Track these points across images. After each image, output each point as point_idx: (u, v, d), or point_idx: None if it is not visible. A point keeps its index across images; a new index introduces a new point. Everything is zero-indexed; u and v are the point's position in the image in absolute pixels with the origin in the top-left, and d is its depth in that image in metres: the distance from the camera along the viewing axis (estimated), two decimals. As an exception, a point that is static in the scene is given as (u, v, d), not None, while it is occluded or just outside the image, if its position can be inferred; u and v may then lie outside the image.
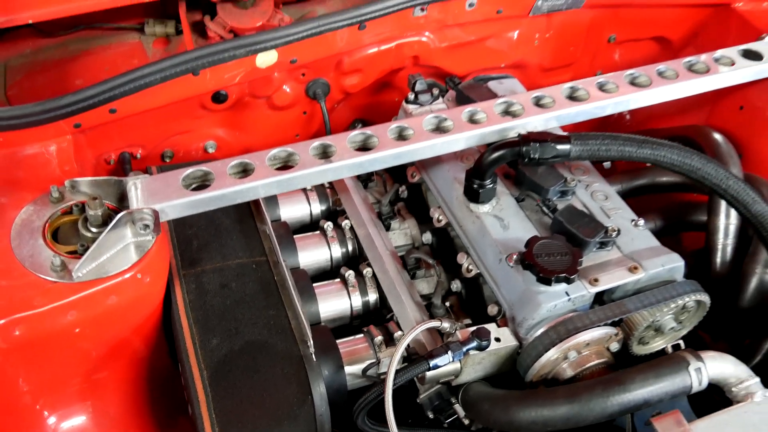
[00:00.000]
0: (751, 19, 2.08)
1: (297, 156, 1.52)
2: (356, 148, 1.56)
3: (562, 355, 1.44)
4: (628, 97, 1.72)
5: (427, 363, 1.39)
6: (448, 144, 1.59)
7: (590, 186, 1.71)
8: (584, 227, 1.55)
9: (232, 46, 1.62)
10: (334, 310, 1.67)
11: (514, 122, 1.63)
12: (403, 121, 1.60)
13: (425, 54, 1.98)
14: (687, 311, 1.57)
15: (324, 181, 1.55)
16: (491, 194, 1.63)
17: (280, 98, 1.92)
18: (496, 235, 1.58)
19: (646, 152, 1.57)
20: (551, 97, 1.69)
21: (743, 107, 1.97)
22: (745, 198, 1.61)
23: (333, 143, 1.54)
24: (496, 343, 1.47)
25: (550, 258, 1.47)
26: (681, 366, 1.37)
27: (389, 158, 1.55)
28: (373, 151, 1.54)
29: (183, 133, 1.88)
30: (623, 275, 1.50)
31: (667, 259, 1.54)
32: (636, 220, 1.64)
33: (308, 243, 1.76)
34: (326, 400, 1.42)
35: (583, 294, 1.47)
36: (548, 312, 1.46)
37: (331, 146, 1.54)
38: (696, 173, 1.59)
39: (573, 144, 1.55)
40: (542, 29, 2.08)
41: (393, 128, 1.59)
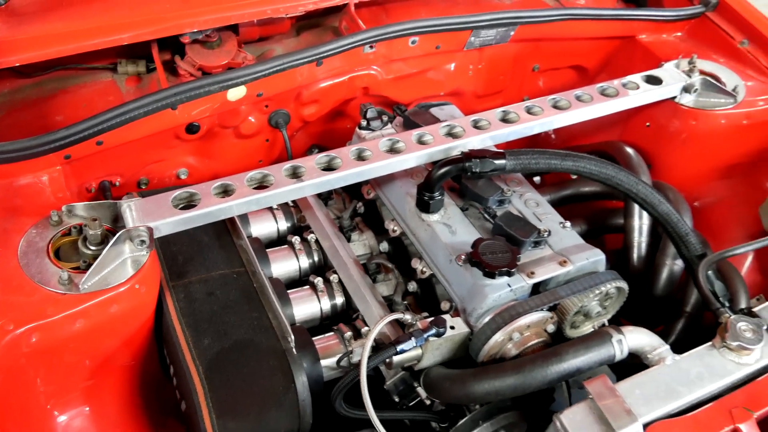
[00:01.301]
0: (652, 48, 2.42)
1: (272, 177, 1.73)
2: (322, 169, 1.78)
3: (507, 337, 1.69)
4: (551, 118, 2.00)
5: (395, 348, 1.61)
6: (401, 163, 1.84)
7: (524, 195, 1.98)
8: (520, 230, 1.81)
9: (208, 82, 1.83)
10: (307, 313, 1.88)
11: (457, 142, 1.89)
12: (362, 144, 1.84)
13: (374, 85, 2.23)
14: (610, 297, 1.84)
15: (295, 197, 1.76)
16: (440, 205, 1.88)
17: (246, 128, 2.13)
18: (445, 239, 1.83)
19: (569, 164, 1.85)
20: (487, 120, 1.96)
21: (649, 124, 2.28)
22: (652, 200, 1.90)
23: (302, 165, 1.77)
24: (452, 330, 1.71)
25: (494, 256, 1.73)
26: (606, 338, 1.64)
27: (351, 176, 1.78)
28: (337, 171, 1.77)
29: (158, 162, 2.07)
30: (555, 268, 1.77)
31: (591, 254, 1.82)
32: (563, 223, 1.91)
33: (279, 255, 1.97)
34: (308, 388, 1.62)
35: (522, 285, 1.73)
36: (494, 302, 1.71)
37: (301, 167, 1.76)
38: (611, 180, 1.88)
39: (508, 159, 1.81)
40: (475, 61, 2.36)
41: (353, 150, 1.82)
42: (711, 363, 1.59)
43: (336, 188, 2.11)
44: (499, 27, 2.18)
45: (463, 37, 2.20)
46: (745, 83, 2.25)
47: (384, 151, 1.85)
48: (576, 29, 2.36)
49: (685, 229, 1.93)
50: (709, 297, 1.76)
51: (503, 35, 2.25)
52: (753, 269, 2.27)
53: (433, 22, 2.05)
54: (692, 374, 1.57)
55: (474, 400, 1.64)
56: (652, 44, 2.43)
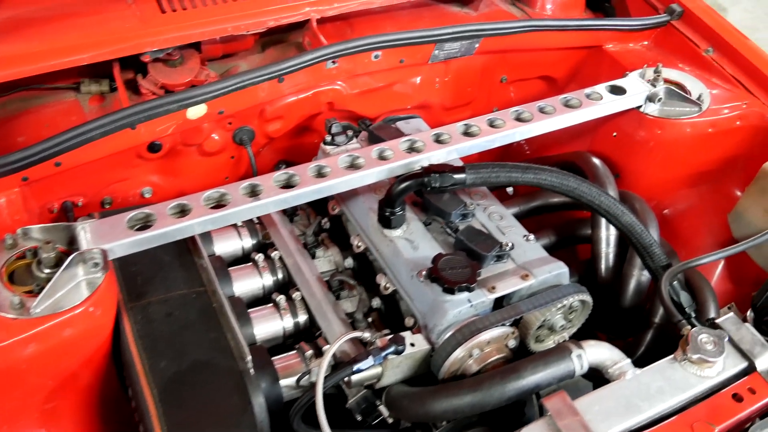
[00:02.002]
0: (618, 58, 2.42)
1: (229, 196, 1.72)
2: (281, 186, 1.78)
3: (467, 353, 1.68)
4: (513, 131, 2.00)
5: (351, 367, 1.60)
6: (361, 179, 1.83)
7: (488, 209, 1.97)
8: (482, 244, 1.80)
9: (166, 101, 1.82)
10: (269, 332, 1.86)
11: (417, 157, 1.88)
12: (321, 161, 1.83)
13: (339, 100, 2.23)
14: (574, 310, 1.83)
15: (253, 216, 1.75)
16: (402, 220, 1.87)
17: (210, 145, 2.12)
18: (407, 255, 1.82)
19: (530, 177, 1.85)
20: (449, 134, 1.95)
21: (616, 134, 2.28)
22: (615, 211, 1.90)
23: (260, 183, 1.76)
24: (411, 347, 1.70)
25: (453, 271, 1.72)
26: (565, 354, 1.63)
27: (310, 194, 1.78)
28: (295, 188, 1.76)
29: (121, 181, 2.06)
30: (516, 282, 1.76)
31: (554, 267, 1.81)
32: (527, 236, 1.90)
33: (242, 274, 1.96)
34: (265, 408, 1.60)
35: (483, 300, 1.72)
36: (454, 318, 1.70)
37: (259, 185, 1.76)
38: (573, 192, 1.88)
39: (468, 173, 1.81)
40: (441, 74, 2.36)
41: (312, 167, 1.81)
42: (672, 376, 1.58)
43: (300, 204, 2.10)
44: (462, 40, 2.18)
45: (427, 50, 2.20)
46: (710, 91, 2.25)
47: (344, 167, 1.84)
48: (542, 40, 2.36)
49: (649, 240, 1.93)
50: (671, 309, 1.75)
51: (468, 48, 2.25)
52: (723, 278, 2.26)
53: (395, 36, 2.05)
54: (653, 388, 1.56)
55: (433, 418, 1.63)
56: (619, 54, 2.43)
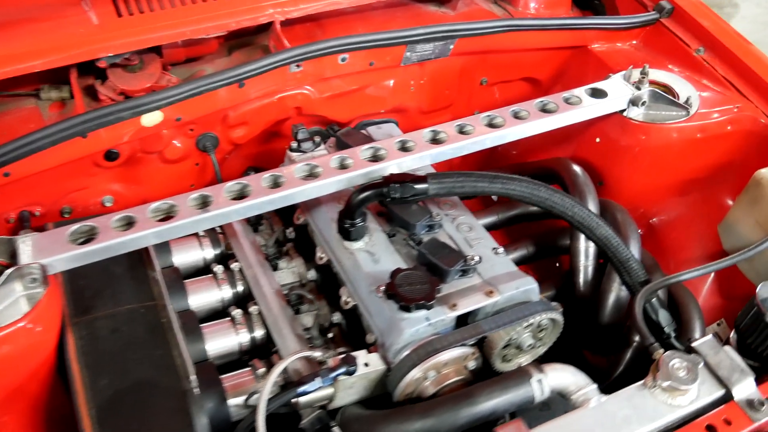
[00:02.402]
0: (604, 59, 2.30)
1: (177, 207, 1.65)
2: (233, 198, 1.70)
3: (423, 375, 1.59)
4: (484, 137, 1.90)
5: (296, 389, 1.52)
6: (318, 189, 1.75)
7: (456, 219, 1.88)
8: (445, 258, 1.71)
9: (117, 109, 1.76)
10: (223, 347, 1.79)
11: (379, 165, 1.80)
12: (276, 170, 1.76)
13: (307, 105, 2.15)
14: (543, 329, 1.74)
15: (202, 229, 1.68)
16: (362, 232, 1.79)
17: (171, 152, 2.06)
18: (367, 268, 1.74)
19: (497, 187, 1.75)
20: (414, 141, 1.86)
21: (599, 140, 2.17)
22: (590, 223, 1.79)
23: (211, 194, 1.69)
24: (365, 368, 1.62)
25: (411, 287, 1.63)
26: (524, 378, 1.54)
27: (263, 205, 1.70)
28: (248, 199, 1.69)
29: (80, 190, 2.00)
30: (480, 299, 1.67)
31: (522, 282, 1.72)
32: (496, 249, 1.81)
33: (200, 286, 1.88)
34: (208, 429, 1.53)
35: (443, 318, 1.63)
36: (411, 337, 1.61)
37: (210, 197, 1.68)
38: (544, 203, 1.78)
39: (430, 183, 1.72)
40: (416, 77, 2.27)
41: (267, 177, 1.74)
42: (640, 404, 1.48)
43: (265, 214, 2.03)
44: (435, 41, 2.08)
45: (398, 52, 2.11)
46: (700, 94, 2.13)
47: (300, 177, 1.76)
48: (522, 40, 2.25)
49: (626, 254, 1.82)
50: (642, 330, 1.65)
51: (442, 49, 2.15)
52: (713, 292, 2.14)
53: (361, 38, 1.96)
54: (619, 417, 1.46)
55: None
56: (605, 54, 2.32)
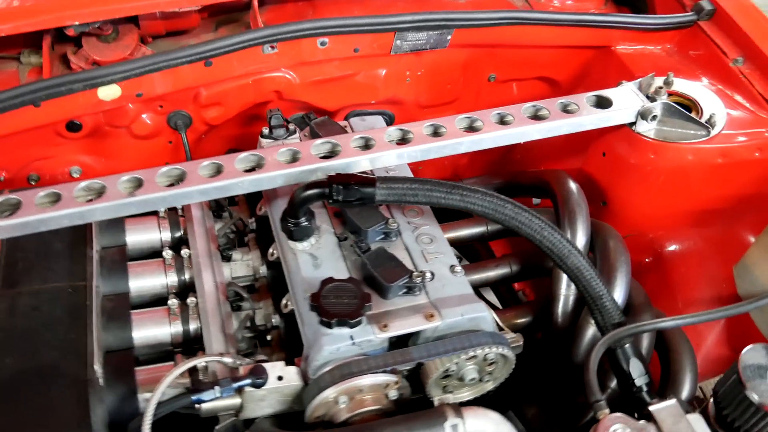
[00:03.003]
0: (627, 62, 2.04)
1: (108, 188, 1.57)
2: (167, 184, 1.60)
3: (335, 399, 1.44)
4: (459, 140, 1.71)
5: (189, 397, 1.42)
6: (259, 182, 1.62)
7: (418, 229, 1.71)
8: (388, 271, 1.55)
9: (69, 80, 1.69)
10: (153, 337, 1.69)
11: (329, 163, 1.64)
12: (218, 159, 1.64)
13: (288, 89, 2.01)
14: (492, 363, 1.55)
15: (124, 214, 1.59)
16: (307, 232, 1.65)
17: (140, 128, 1.98)
18: (305, 273, 1.60)
19: (455, 199, 1.57)
20: (375, 140, 1.70)
21: (605, 153, 1.93)
22: (560, 250, 1.58)
23: (144, 178, 1.59)
24: (279, 381, 1.49)
25: (337, 301, 1.48)
26: (437, 421, 1.36)
27: (194, 194, 1.59)
28: (180, 186, 1.58)
29: (45, 159, 1.96)
30: (417, 322, 1.50)
31: (470, 309, 1.54)
32: (454, 266, 1.63)
33: (145, 270, 1.80)
34: (105, 422, 1.45)
35: (371, 339, 1.47)
36: (331, 354, 1.47)
37: (143, 180, 1.59)
38: (509, 222, 1.58)
39: (378, 188, 1.55)
40: (413, 67, 2.09)
41: (206, 165, 1.62)
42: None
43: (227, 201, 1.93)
44: (428, 30, 1.89)
45: (386, 39, 1.93)
46: (728, 112, 1.85)
47: (242, 169, 1.64)
48: (532, 36, 2.02)
49: (599, 291, 1.59)
50: (590, 383, 1.43)
51: (438, 39, 1.96)
52: (721, 341, 1.88)
53: (342, 22, 1.80)
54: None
55: None
56: (630, 57, 2.05)
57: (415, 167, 2.40)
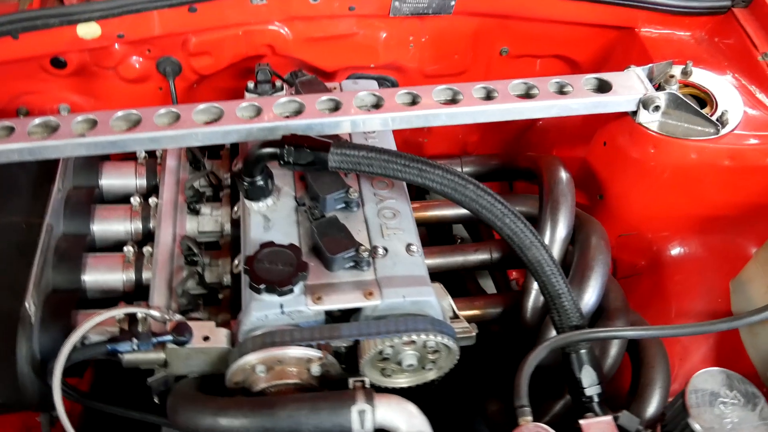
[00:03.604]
0: (649, 46, 1.86)
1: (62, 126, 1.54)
2: (124, 129, 1.56)
3: (252, 367, 1.38)
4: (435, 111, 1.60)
5: (105, 346, 1.39)
6: (214, 134, 1.57)
7: (383, 202, 1.62)
8: (333, 242, 1.48)
9: (45, 14, 1.67)
10: (104, 282, 1.68)
11: (291, 122, 1.57)
12: (180, 107, 1.58)
13: (281, 45, 1.93)
14: (434, 351, 1.46)
15: (77, 154, 1.56)
16: (263, 192, 1.58)
17: (127, 71, 1.94)
18: (255, 234, 1.54)
19: (411, 173, 1.46)
20: (344, 102, 1.60)
21: (606, 143, 1.77)
22: (522, 239, 1.46)
23: (98, 118, 1.56)
24: (205, 342, 1.44)
25: (271, 266, 1.42)
26: (344, 404, 1.28)
27: (145, 141, 1.55)
28: (134, 131, 1.54)
29: (34, 93, 1.95)
30: (354, 299, 1.43)
31: (414, 292, 1.44)
32: (411, 245, 1.53)
33: (111, 214, 1.79)
34: (30, 359, 1.44)
35: (301, 310, 1.41)
36: (259, 321, 1.41)
37: (97, 121, 1.56)
38: (470, 204, 1.46)
39: (332, 153, 1.47)
40: (416, 32, 1.96)
41: (163, 112, 1.57)
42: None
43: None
44: (428, -8, 1.77)
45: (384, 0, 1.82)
46: (746, 110, 1.65)
47: (202, 120, 1.58)
48: (550, 9, 1.86)
49: (560, 288, 1.46)
50: (519, 389, 1.32)
51: (441, 4, 1.83)
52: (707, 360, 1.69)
53: (332, -24, 1.71)
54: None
55: (178, 428, 1.37)
56: (653, 41, 1.86)
57: (420, 140, 2.31)
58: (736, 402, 1.23)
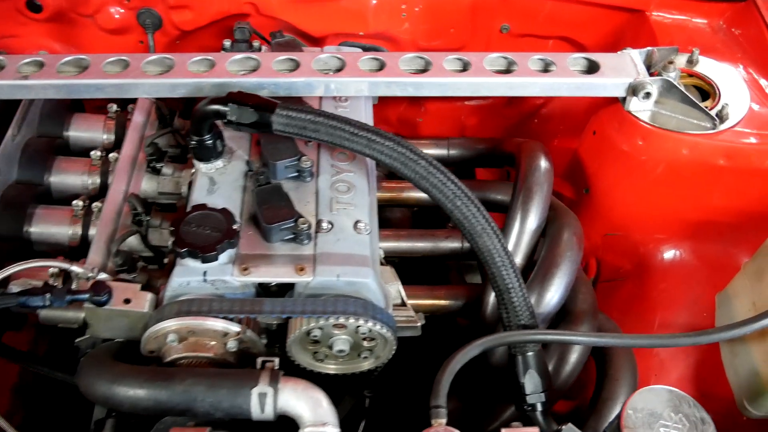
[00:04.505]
0: (657, 31, 1.68)
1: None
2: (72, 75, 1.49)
3: (164, 335, 1.30)
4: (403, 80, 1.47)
5: (17, 298, 1.32)
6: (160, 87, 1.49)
7: (340, 174, 1.51)
8: (271, 211, 1.38)
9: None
10: (50, 234, 1.61)
11: (241, 79, 1.47)
12: (132, 56, 1.51)
13: (264, 4, 1.83)
14: (369, 338, 1.35)
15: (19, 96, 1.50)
16: (211, 153, 1.49)
17: (105, 20, 1.87)
18: (197, 196, 1.45)
19: (359, 143, 1.35)
20: (302, 63, 1.49)
21: (596, 132, 1.61)
22: (473, 225, 1.33)
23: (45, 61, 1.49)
24: (126, 305, 1.36)
25: (198, 230, 1.33)
26: (245, 384, 1.18)
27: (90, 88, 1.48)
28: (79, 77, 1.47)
29: (12, 37, 1.91)
30: (284, 273, 1.33)
31: (351, 271, 1.33)
32: (360, 223, 1.42)
33: (70, 166, 1.72)
34: None
35: (226, 280, 1.32)
36: (180, 287, 1.33)
37: (44, 63, 1.49)
38: (420, 182, 1.34)
39: (276, 114, 1.36)
40: (409, 2, 1.83)
41: (113, 60, 1.50)
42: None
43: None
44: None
45: (372, -35, 1.70)
46: (751, 105, 1.47)
47: (154, 72, 1.50)
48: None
49: (511, 282, 1.32)
50: (438, 388, 1.19)
51: (433, -27, 1.71)
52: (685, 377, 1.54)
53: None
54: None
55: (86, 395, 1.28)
56: (663, 26, 1.69)
57: (416, 119, 2.18)
58: (679, 427, 1.08)
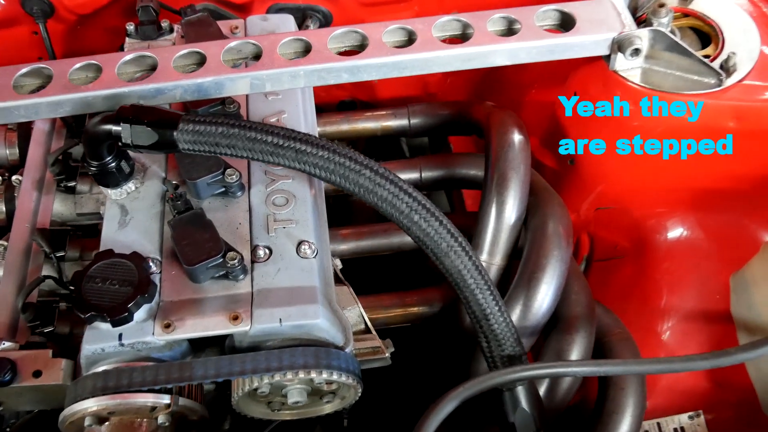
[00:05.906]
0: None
1: None
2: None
3: (82, 417, 1.08)
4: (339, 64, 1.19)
5: None
6: (37, 107, 1.21)
7: (276, 183, 1.26)
8: (193, 247, 1.13)
9: None
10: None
11: (137, 87, 1.19)
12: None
13: (170, -28, 1.53)
14: (329, 382, 1.14)
15: None
16: (118, 177, 1.23)
17: (-14, 11, 1.58)
18: (108, 231, 1.21)
19: (287, 156, 1.09)
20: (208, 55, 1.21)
21: (578, 94, 1.34)
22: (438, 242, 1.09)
23: None
24: (35, 379, 1.14)
25: (105, 286, 1.09)
26: None
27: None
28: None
29: None
30: (215, 324, 1.10)
31: (295, 312, 1.10)
32: (304, 243, 1.18)
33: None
34: None
35: (146, 341, 1.09)
36: (95, 355, 1.10)
37: None
38: (368, 197, 1.10)
39: (181, 131, 1.10)
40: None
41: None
42: None
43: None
44: None
45: None
46: (764, 50, 1.20)
47: (28, 89, 1.22)
48: None
49: (487, 308, 1.10)
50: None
51: None
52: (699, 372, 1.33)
53: None
54: None
55: None
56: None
57: (371, 82, 1.90)
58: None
